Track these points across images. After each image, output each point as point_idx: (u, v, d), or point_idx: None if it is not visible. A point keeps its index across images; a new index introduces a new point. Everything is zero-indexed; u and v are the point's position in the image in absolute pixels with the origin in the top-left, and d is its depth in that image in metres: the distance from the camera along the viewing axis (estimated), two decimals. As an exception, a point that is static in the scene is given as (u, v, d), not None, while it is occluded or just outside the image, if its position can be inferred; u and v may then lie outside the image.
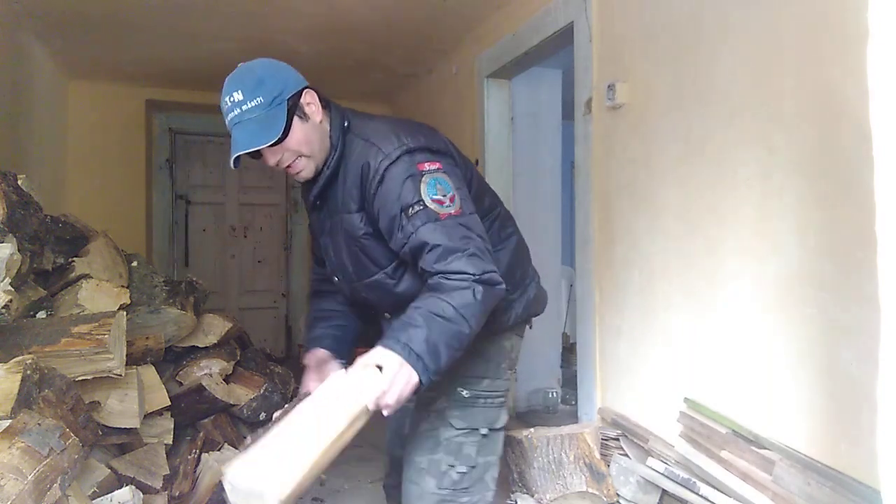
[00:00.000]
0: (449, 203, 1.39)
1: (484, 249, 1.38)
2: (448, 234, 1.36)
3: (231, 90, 1.43)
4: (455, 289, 1.33)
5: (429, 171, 1.40)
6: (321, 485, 2.85)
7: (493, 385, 1.59)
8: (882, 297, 0.69)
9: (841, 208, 1.65)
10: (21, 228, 2.00)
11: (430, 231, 1.36)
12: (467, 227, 1.39)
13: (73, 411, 1.73)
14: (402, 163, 1.40)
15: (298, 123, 1.45)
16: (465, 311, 1.32)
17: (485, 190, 1.65)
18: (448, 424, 1.54)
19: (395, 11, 3.47)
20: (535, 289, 1.68)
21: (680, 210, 2.23)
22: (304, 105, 1.47)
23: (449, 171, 1.44)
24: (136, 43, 3.93)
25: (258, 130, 1.40)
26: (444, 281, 1.34)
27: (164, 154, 5.29)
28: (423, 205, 1.37)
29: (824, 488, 1.63)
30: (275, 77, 1.44)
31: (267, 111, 1.40)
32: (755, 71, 1.92)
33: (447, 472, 1.52)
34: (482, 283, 1.34)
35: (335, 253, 1.60)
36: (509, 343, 1.64)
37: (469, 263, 1.34)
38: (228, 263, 5.70)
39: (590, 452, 2.29)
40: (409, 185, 1.38)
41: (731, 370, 2.02)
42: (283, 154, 1.46)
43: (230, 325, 2.85)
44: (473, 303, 1.33)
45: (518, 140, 3.85)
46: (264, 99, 1.40)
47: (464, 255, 1.35)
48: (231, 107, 1.42)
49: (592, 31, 2.68)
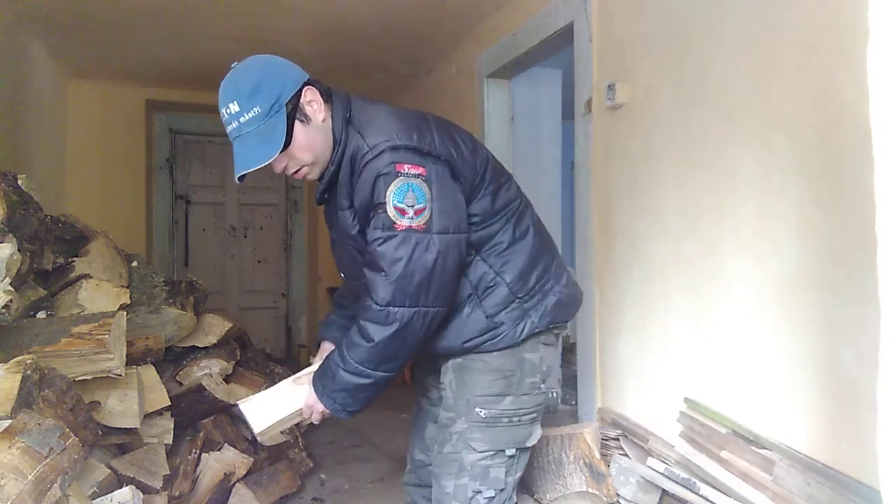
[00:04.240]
0: (413, 215, 1.31)
1: (416, 283, 1.33)
2: (388, 248, 1.32)
3: (227, 100, 1.37)
4: (362, 328, 1.38)
5: (406, 174, 1.32)
6: (321, 485, 2.85)
7: (518, 403, 1.49)
8: (882, 297, 0.69)
9: (841, 208, 1.65)
10: (21, 228, 2.00)
11: (375, 238, 1.34)
12: (418, 248, 1.32)
13: (73, 411, 1.73)
14: (382, 159, 1.33)
15: (300, 128, 1.39)
16: (366, 363, 1.38)
17: (503, 182, 1.54)
18: (469, 448, 1.47)
19: (395, 12, 3.47)
20: (560, 293, 1.53)
21: (680, 210, 2.23)
22: (305, 105, 1.40)
23: (433, 179, 1.35)
24: (136, 43, 3.93)
25: (258, 145, 1.35)
26: (363, 304, 1.39)
27: (164, 154, 5.29)
28: (384, 208, 1.32)
29: (824, 488, 1.63)
30: (271, 80, 1.37)
31: (265, 122, 1.34)
32: (755, 71, 1.92)
33: (474, 497, 1.46)
34: (385, 316, 1.34)
35: (339, 248, 1.57)
36: (535, 356, 1.51)
37: (383, 290, 1.34)
38: (228, 263, 5.70)
39: (590, 452, 2.29)
40: (381, 184, 1.32)
41: (731, 370, 2.01)
42: (289, 161, 1.42)
43: (230, 325, 2.85)
44: (373, 347, 1.36)
45: (518, 140, 3.84)
46: (262, 108, 1.34)
47: (385, 279, 1.33)
48: (228, 119, 1.37)
49: (592, 31, 2.68)
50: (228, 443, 2.56)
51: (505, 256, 1.48)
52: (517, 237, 1.51)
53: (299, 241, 5.86)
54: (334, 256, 1.62)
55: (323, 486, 2.84)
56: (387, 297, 1.33)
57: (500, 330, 1.46)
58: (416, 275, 1.33)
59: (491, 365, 1.47)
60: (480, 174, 1.48)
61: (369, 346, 1.37)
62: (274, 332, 5.83)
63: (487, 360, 1.48)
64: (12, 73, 3.42)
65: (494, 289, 1.47)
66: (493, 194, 1.49)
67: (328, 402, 1.45)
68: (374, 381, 1.41)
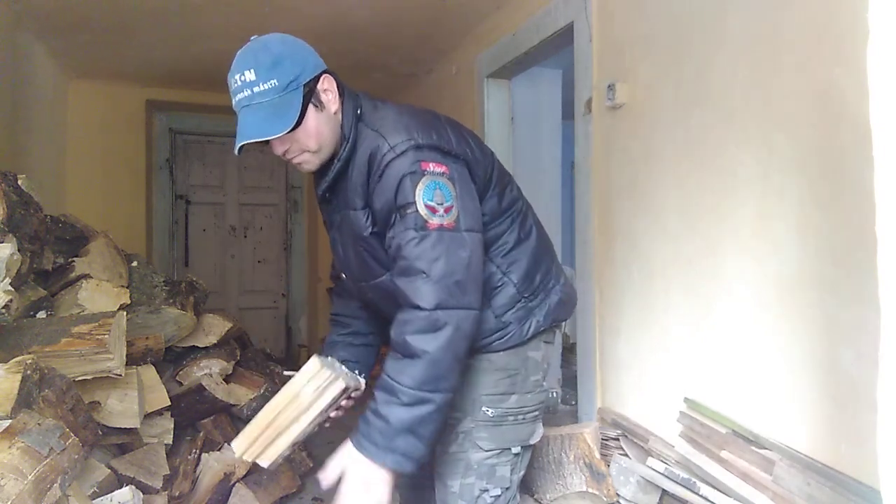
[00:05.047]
0: (443, 213, 1.28)
1: (456, 281, 1.26)
2: (424, 248, 1.26)
3: (243, 67, 1.29)
4: (407, 345, 1.25)
5: (431, 172, 1.29)
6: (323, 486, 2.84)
7: (522, 401, 1.49)
8: (882, 297, 0.69)
9: (841, 208, 1.65)
10: (21, 228, 2.01)
11: (409, 239, 1.27)
12: (452, 245, 1.28)
13: (73, 411, 1.73)
14: (406, 158, 1.29)
15: (313, 113, 1.33)
16: (425, 383, 1.24)
17: (507, 183, 1.53)
18: (476, 447, 1.46)
19: (395, 12, 3.47)
20: (560, 292, 1.54)
21: (680, 210, 2.23)
22: (321, 92, 1.35)
23: (455, 178, 1.32)
24: (136, 43, 3.93)
25: (269, 117, 1.28)
26: (401, 319, 1.28)
27: (164, 154, 5.29)
28: (414, 208, 1.27)
29: (824, 488, 1.63)
30: (293, 57, 1.32)
31: (281, 96, 1.28)
32: (755, 71, 1.92)
33: (480, 496, 1.45)
34: (435, 321, 1.24)
35: (343, 249, 1.51)
36: (538, 354, 1.52)
37: (428, 293, 1.25)
38: (228, 263, 5.70)
39: (590, 452, 2.29)
40: (407, 183, 1.28)
41: (730, 370, 2.01)
42: (291, 144, 1.35)
43: (230, 325, 2.85)
44: (429, 361, 1.23)
45: (518, 140, 3.84)
46: (279, 82, 1.27)
47: (426, 280, 1.25)
48: (241, 86, 1.29)
49: (592, 31, 2.68)
50: (228, 443, 2.56)
51: (511, 257, 1.48)
52: (522, 237, 1.51)
53: (299, 241, 5.86)
54: (336, 257, 1.57)
55: (322, 486, 2.83)
56: (434, 299, 1.25)
57: (507, 329, 1.46)
58: (457, 273, 1.27)
59: (496, 364, 1.46)
60: (489, 174, 1.47)
61: (424, 362, 1.24)
62: (274, 332, 5.83)
63: (493, 359, 1.47)
64: (12, 74, 3.42)
65: (502, 289, 1.47)
66: (500, 195, 1.48)
67: (389, 459, 1.25)
68: (438, 407, 1.26)
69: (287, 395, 1.36)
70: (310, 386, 1.35)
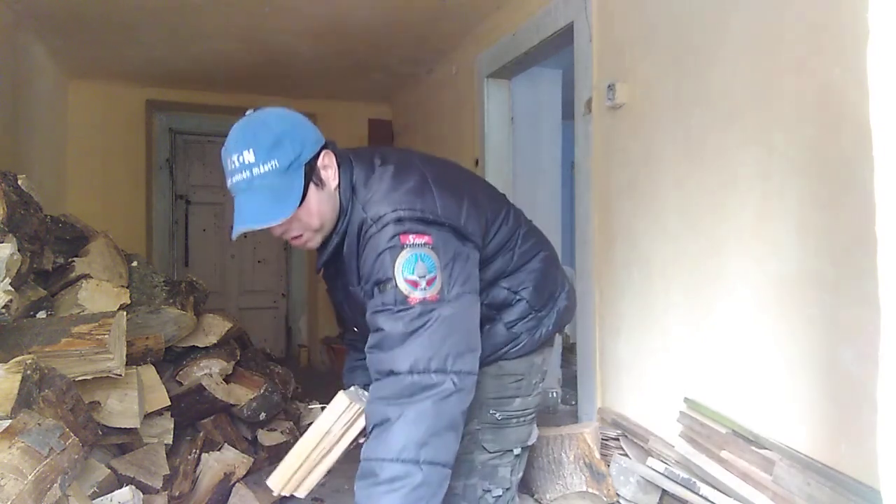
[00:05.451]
0: (425, 286, 1.23)
1: (437, 352, 1.21)
2: (403, 322, 1.22)
3: (241, 147, 1.24)
4: (377, 412, 1.21)
5: (412, 244, 1.24)
6: (321, 485, 2.84)
7: (524, 403, 1.54)
8: (882, 297, 0.69)
9: (841, 208, 1.65)
10: (21, 228, 2.01)
11: (386, 314, 1.23)
12: (433, 319, 1.23)
13: (73, 411, 1.73)
14: (385, 233, 1.26)
15: (314, 191, 1.28)
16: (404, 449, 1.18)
17: (505, 214, 1.51)
18: (481, 448, 1.49)
19: (395, 12, 3.47)
20: (566, 299, 1.59)
21: (680, 210, 2.23)
22: (322, 169, 1.30)
23: (440, 246, 1.27)
24: (136, 43, 3.93)
25: (270, 201, 1.23)
26: (375, 396, 1.23)
27: (164, 154, 5.29)
28: (393, 283, 1.23)
29: (824, 488, 1.63)
30: (293, 135, 1.27)
31: (282, 178, 1.23)
32: (755, 71, 1.92)
33: (483, 496, 1.49)
34: (411, 385, 1.19)
35: (350, 310, 1.50)
36: (541, 358, 1.57)
37: (403, 358, 1.20)
38: (228, 263, 5.70)
39: (590, 452, 2.29)
40: (387, 259, 1.24)
41: (730, 370, 2.01)
42: (292, 223, 1.30)
43: (230, 325, 2.84)
44: (411, 424, 1.17)
45: (518, 140, 3.84)
46: (280, 163, 1.22)
47: (402, 349, 1.21)
48: (239, 167, 1.23)
49: (592, 31, 2.68)
50: (228, 443, 2.56)
51: (518, 277, 1.50)
52: (527, 259, 1.52)
53: (299, 241, 5.85)
54: (343, 314, 1.56)
55: (323, 486, 2.82)
56: (407, 364, 1.22)
57: (519, 339, 1.50)
58: (436, 345, 1.23)
59: (505, 369, 1.49)
60: (490, 220, 1.44)
61: (399, 424, 1.19)
62: (274, 332, 5.84)
63: (504, 365, 1.50)
64: (12, 73, 3.42)
65: (514, 305, 1.50)
66: (498, 230, 1.48)
67: None
68: (424, 481, 1.18)
69: (318, 431, 1.44)
70: (340, 422, 1.43)
